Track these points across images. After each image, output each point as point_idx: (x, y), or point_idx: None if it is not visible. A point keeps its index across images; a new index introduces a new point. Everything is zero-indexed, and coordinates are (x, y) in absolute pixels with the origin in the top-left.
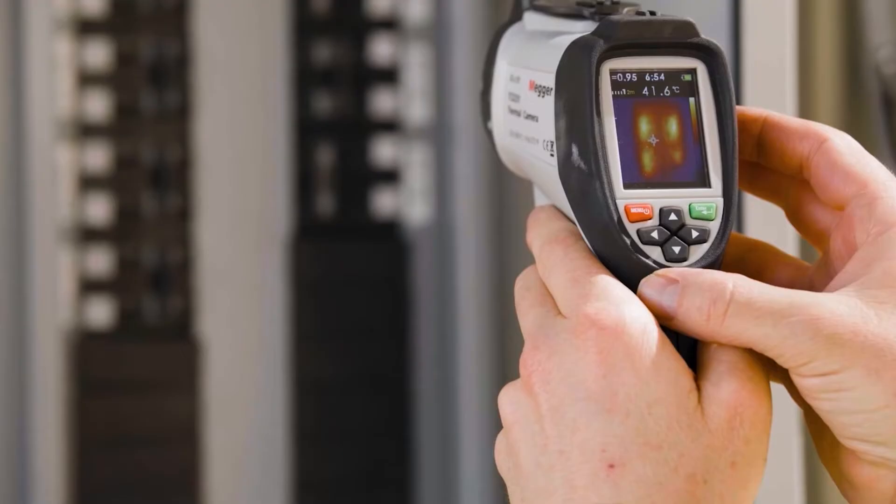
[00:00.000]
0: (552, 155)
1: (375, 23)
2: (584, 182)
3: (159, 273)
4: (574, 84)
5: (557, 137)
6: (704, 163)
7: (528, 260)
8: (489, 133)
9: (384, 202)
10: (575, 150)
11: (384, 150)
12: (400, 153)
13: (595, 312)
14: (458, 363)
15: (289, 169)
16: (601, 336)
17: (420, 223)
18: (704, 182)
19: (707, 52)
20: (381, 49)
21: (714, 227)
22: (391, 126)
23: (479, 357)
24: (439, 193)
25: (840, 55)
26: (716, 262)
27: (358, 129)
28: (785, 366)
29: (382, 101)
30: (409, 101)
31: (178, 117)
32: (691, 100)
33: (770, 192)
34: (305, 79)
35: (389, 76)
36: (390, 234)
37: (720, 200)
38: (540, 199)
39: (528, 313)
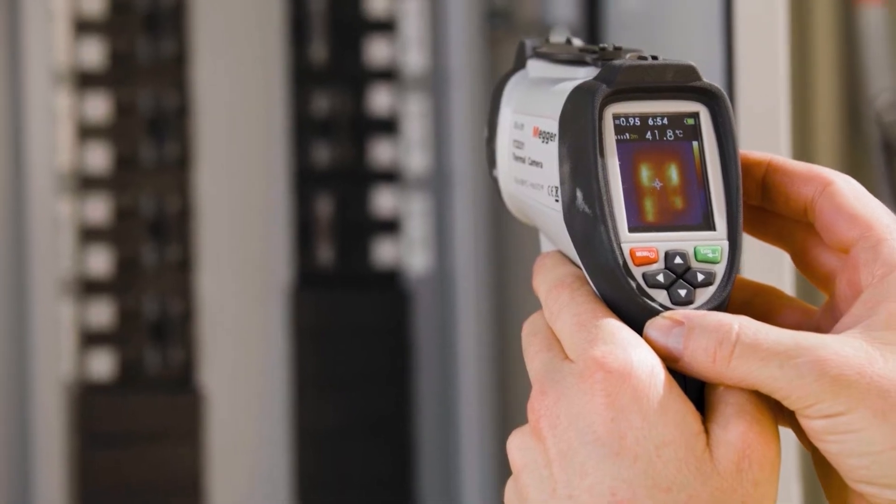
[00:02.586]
0: (557, 200)
1: (374, 73)
2: (588, 226)
3: (160, 324)
4: (577, 129)
5: (562, 182)
6: (709, 206)
7: (529, 308)
8: (495, 180)
9: (384, 251)
10: (579, 194)
11: (383, 200)
12: (399, 202)
13: (602, 356)
14: (459, 411)
15: (289, 219)
16: (608, 379)
17: (420, 272)
18: (709, 225)
19: (709, 96)
20: (380, 99)
21: (720, 269)
22: (390, 176)
23: (480, 405)
24: (439, 242)
25: (840, 102)
26: (722, 304)
27: (357, 178)
28: (791, 407)
29: (381, 151)
30: (408, 150)
31: (178, 168)
32: (695, 143)
33: (775, 237)
34: (304, 129)
35: (388, 126)
36: (390, 282)
37: (725, 243)
38: (546, 246)
39: (535, 358)
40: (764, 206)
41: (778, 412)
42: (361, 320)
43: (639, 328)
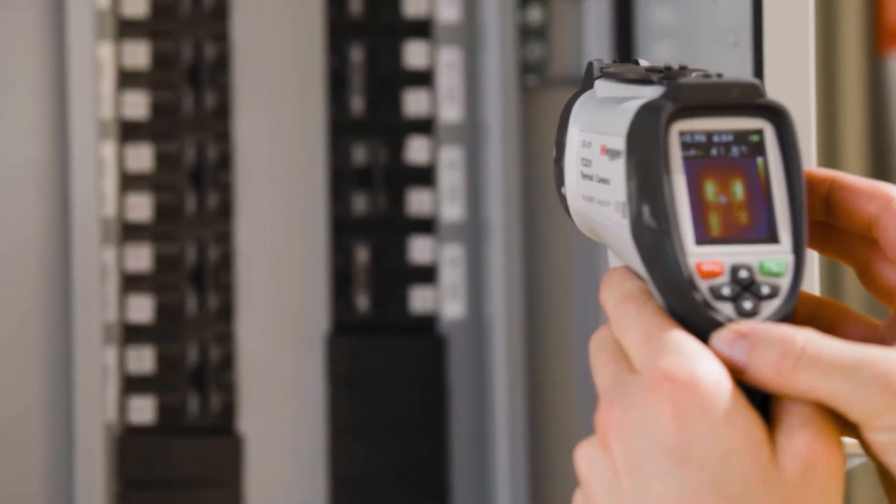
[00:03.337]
0: (624, 216)
1: (411, 125)
2: (655, 241)
3: (201, 370)
4: (644, 146)
5: (629, 198)
6: (773, 220)
7: (563, 353)
8: (563, 199)
9: (420, 299)
10: (646, 209)
11: (419, 249)
12: (435, 251)
13: (668, 367)
14: (494, 457)
15: (326, 267)
16: (675, 390)
17: (455, 319)
18: (774, 239)
19: (774, 113)
20: (417, 150)
21: (785, 283)
22: (426, 225)
23: (515, 450)
24: (474, 290)
25: (868, 154)
26: (787, 317)
27: (394, 228)
28: (855, 420)
29: (418, 201)
30: (444, 200)
31: (219, 218)
32: (759, 159)
33: (840, 252)
34: (343, 179)
35: (424, 176)
36: (426, 329)
37: (790, 257)
38: (613, 261)
39: (602, 371)
40: (828, 221)
41: (843, 424)
42: (397, 367)
43: (705, 340)
